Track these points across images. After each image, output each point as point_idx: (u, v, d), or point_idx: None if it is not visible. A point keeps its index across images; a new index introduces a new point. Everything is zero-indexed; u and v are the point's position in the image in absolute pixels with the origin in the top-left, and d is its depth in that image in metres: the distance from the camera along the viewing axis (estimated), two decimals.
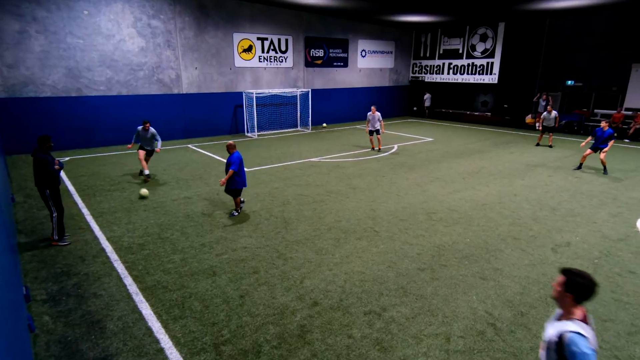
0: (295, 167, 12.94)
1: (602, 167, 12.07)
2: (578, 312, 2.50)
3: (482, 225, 8.08)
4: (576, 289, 2.48)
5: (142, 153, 11.22)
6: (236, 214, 8.57)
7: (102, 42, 15.29)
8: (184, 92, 17.74)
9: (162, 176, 11.71)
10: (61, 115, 15.02)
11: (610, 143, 11.82)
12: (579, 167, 12.50)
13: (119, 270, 6.22)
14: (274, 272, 6.18)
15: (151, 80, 16.76)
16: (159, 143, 11.34)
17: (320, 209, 8.97)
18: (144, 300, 5.42)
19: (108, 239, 7.39)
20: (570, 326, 2.42)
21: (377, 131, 15.14)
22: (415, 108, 27.36)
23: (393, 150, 15.60)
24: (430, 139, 18.26)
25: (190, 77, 17.76)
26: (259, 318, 5.04)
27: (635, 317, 5.07)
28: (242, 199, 8.86)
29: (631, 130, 17.66)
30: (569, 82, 20.75)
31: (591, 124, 19.61)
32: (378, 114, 15.02)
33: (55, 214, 7.01)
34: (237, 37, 18.69)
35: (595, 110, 19.85)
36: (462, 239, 7.44)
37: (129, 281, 5.91)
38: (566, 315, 2.53)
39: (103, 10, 15.04)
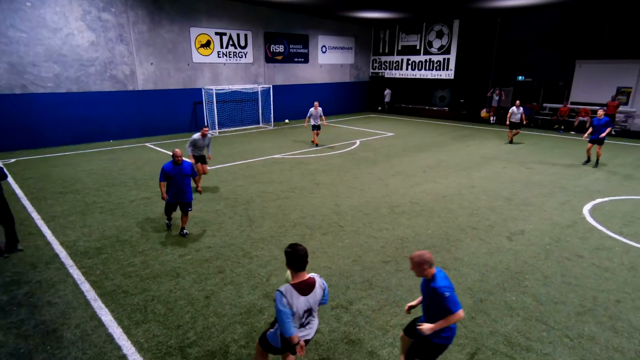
0: (259, 164, 12.81)
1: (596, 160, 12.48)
2: (297, 278, 3.17)
3: (442, 216, 8.35)
4: (288, 260, 3.15)
5: (199, 165, 9.67)
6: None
7: (48, 35, 14.41)
8: (140, 88, 17.08)
9: (118, 176, 11.24)
10: (4, 114, 14.05)
11: (607, 130, 11.94)
12: (587, 161, 12.75)
13: (75, 276, 5.93)
14: (239, 271, 6.11)
15: (103, 76, 16.01)
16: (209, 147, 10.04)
17: (284, 206, 8.94)
18: (103, 306, 5.21)
19: (62, 243, 7.02)
20: (281, 287, 3.16)
21: (319, 127, 15.34)
22: (379, 108, 27.78)
23: (355, 146, 15.78)
24: (391, 134, 18.62)
25: (145, 73, 17.12)
26: (225, 318, 4.97)
27: (583, 298, 5.43)
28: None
29: (576, 123, 18.77)
30: (520, 78, 21.77)
31: (540, 117, 20.70)
32: (320, 109, 15.22)
33: None
34: (194, 31, 18.19)
35: (544, 104, 20.95)
36: (424, 230, 7.65)
37: (86, 287, 5.64)
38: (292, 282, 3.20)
39: (48, 2, 14.17)
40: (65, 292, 5.51)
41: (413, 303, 3.89)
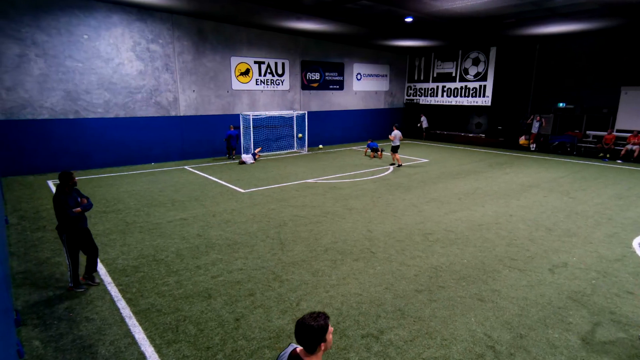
0: (292, 188, 12.95)
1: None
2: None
3: (478, 245, 8.07)
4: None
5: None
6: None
7: (101, 65, 15.49)
8: (182, 114, 17.89)
9: (158, 197, 11.67)
10: (58, 137, 15.06)
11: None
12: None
13: (112, 293, 6.13)
14: (270, 295, 6.11)
15: (149, 102, 16.91)
16: None
17: (316, 230, 8.93)
18: (137, 324, 5.32)
19: (102, 261, 7.30)
20: None
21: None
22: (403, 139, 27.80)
23: (389, 172, 15.68)
24: (426, 160, 18.39)
25: (188, 100, 17.95)
26: (254, 342, 4.95)
27: (636, 338, 5.02)
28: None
29: (623, 152, 17.87)
30: (561, 105, 21.11)
31: (584, 145, 19.87)
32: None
33: (69, 263, 6.15)
34: (234, 60, 19.00)
35: (587, 132, 20.14)
36: (459, 259, 7.41)
37: (122, 304, 5.81)
38: None
39: (103, 35, 15.30)
40: (102, 309, 5.70)
41: None
